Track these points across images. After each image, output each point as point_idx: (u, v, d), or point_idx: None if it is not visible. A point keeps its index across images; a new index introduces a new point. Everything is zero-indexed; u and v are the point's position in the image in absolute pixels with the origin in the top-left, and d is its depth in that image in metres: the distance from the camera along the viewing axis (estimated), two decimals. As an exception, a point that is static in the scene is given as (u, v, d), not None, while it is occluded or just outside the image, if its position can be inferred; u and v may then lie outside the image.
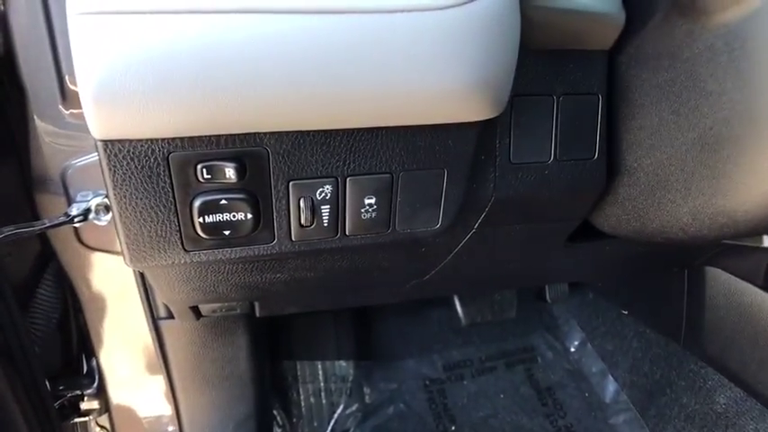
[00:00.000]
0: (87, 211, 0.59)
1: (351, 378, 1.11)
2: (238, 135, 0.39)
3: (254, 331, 0.86)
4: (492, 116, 0.43)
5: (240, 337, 0.84)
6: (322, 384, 1.09)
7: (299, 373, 1.07)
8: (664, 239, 0.54)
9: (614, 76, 0.53)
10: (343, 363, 1.12)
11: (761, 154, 0.42)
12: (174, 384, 0.83)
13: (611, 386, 1.19)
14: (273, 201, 0.42)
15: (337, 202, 0.44)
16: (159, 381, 0.84)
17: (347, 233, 0.46)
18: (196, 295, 0.58)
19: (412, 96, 0.39)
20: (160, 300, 0.72)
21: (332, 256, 0.52)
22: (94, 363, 0.86)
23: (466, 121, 0.42)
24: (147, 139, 0.37)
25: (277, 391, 1.05)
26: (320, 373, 1.09)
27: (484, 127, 0.45)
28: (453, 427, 1.11)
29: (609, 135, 0.54)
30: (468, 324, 1.22)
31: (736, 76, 0.42)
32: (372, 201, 0.45)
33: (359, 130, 0.41)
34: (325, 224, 0.44)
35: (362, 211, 0.45)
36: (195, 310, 0.68)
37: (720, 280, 0.90)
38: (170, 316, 0.73)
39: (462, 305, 1.21)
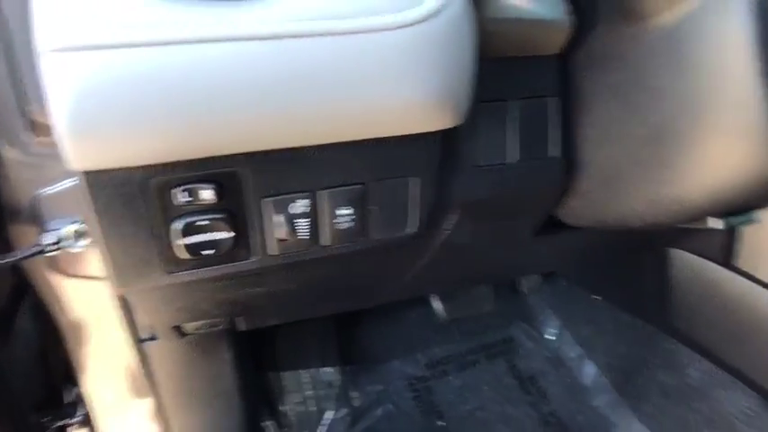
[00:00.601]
0: (60, 239, 0.59)
1: (337, 383, 1.13)
2: (213, 157, 0.40)
3: (238, 346, 0.87)
4: (455, 124, 0.45)
5: (225, 353, 0.85)
6: (309, 392, 1.10)
7: (285, 383, 1.08)
8: (623, 227, 0.57)
9: (568, 77, 0.55)
10: (328, 369, 1.13)
11: (702, 146, 0.45)
12: (162, 405, 0.83)
13: (590, 370, 1.22)
14: (251, 218, 0.44)
15: (313, 215, 0.45)
16: (146, 404, 0.84)
17: (324, 244, 0.47)
18: (179, 315, 0.59)
19: (377, 112, 0.41)
20: (143, 321, 0.72)
21: (311, 267, 0.53)
22: (79, 391, 0.86)
23: (431, 130, 0.44)
24: (125, 168, 0.38)
25: (265, 403, 1.06)
26: (306, 381, 1.10)
27: (449, 134, 0.47)
28: (442, 423, 1.13)
29: (566, 134, 0.56)
30: (448, 321, 1.25)
31: (676, 74, 0.45)
32: (347, 211, 0.46)
33: (329, 145, 0.42)
34: (303, 237, 0.46)
35: (338, 221, 0.46)
36: (178, 330, 0.69)
37: (684, 260, 0.94)
38: (153, 337, 0.74)
39: (440, 302, 1.23)
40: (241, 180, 0.42)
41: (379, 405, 1.15)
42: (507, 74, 0.52)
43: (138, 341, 0.75)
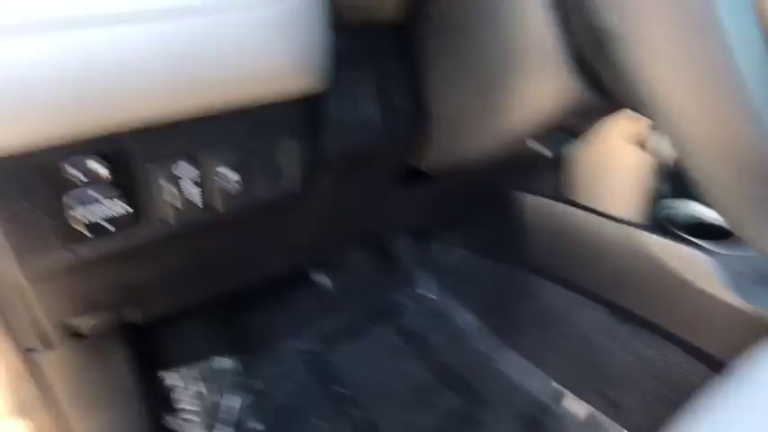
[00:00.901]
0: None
1: (235, 372, 1.15)
2: (101, 132, 0.43)
3: (132, 347, 0.87)
4: (320, 89, 0.52)
5: (120, 354, 0.85)
6: (210, 384, 1.11)
7: (185, 380, 1.09)
8: (472, 165, 0.67)
9: (414, 41, 0.64)
10: (225, 359, 1.14)
11: (520, 87, 0.56)
12: (60, 415, 0.82)
13: (469, 319, 1.34)
14: (142, 188, 0.47)
15: (200, 180, 0.49)
16: (44, 419, 0.82)
17: (213, 206, 0.51)
18: (73, 308, 0.60)
19: (249, 80, 0.46)
20: (33, 328, 0.71)
21: (202, 235, 0.57)
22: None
23: (299, 95, 0.50)
24: (17, 151, 0.40)
25: (168, 402, 1.06)
26: (206, 374, 1.11)
27: (315, 98, 0.53)
28: (344, 390, 1.19)
29: (415, 90, 0.65)
30: (333, 294, 1.31)
31: (494, 30, 0.55)
32: (232, 174, 0.51)
33: (209, 114, 0.47)
34: (192, 201, 0.50)
35: (225, 184, 0.51)
36: (72, 332, 0.69)
37: (528, 202, 1.07)
38: (45, 345, 0.73)
39: (323, 276, 1.29)
40: (129, 151, 0.45)
41: (280, 386, 1.19)
42: (359, 40, 0.59)
43: (28, 352, 0.74)
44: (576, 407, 1.16)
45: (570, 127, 0.67)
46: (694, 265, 0.89)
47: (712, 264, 0.86)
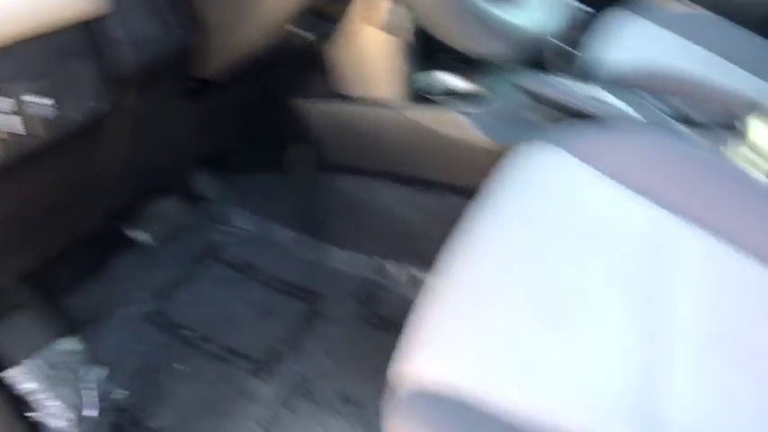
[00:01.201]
0: None
1: (82, 351, 1.12)
2: None
3: None
4: (104, 11, 0.56)
5: None
6: (61, 370, 1.08)
7: (34, 372, 1.05)
8: (249, 61, 0.76)
9: None
10: (67, 341, 1.11)
11: None
12: None
13: (288, 234, 1.44)
14: None
15: (18, 110, 0.51)
16: None
17: (37, 134, 0.54)
18: None
19: (38, 11, 0.49)
20: None
21: (30, 171, 0.59)
22: None
23: (87, 18, 0.54)
24: None
25: (24, 399, 1.02)
26: (53, 361, 1.07)
27: (104, 20, 0.57)
28: (192, 333, 1.24)
29: (187, 4, 0.71)
30: (154, 249, 1.33)
31: None
32: (41, 100, 0.53)
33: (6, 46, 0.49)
34: (17, 132, 0.52)
35: (41, 110, 0.53)
36: None
37: (310, 107, 1.18)
38: None
39: (142, 233, 1.30)
40: None
41: (131, 350, 1.19)
42: None
43: None
44: (398, 273, 1.34)
45: (324, 11, 0.79)
46: (454, 124, 1.08)
47: (466, 120, 1.06)
